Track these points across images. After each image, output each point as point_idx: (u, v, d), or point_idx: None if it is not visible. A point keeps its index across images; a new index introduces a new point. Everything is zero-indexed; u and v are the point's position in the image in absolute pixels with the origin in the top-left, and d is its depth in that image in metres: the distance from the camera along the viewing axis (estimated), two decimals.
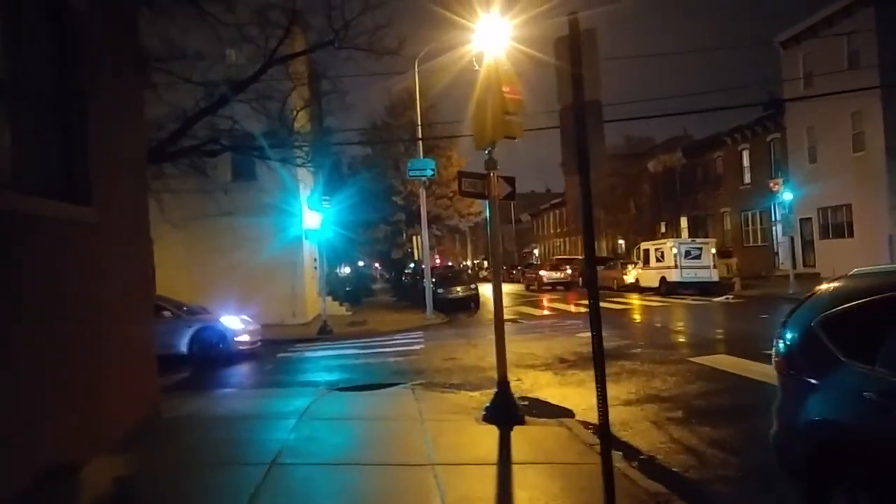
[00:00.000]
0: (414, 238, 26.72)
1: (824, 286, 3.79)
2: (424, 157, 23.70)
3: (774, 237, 32.42)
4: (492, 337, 7.21)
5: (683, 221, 39.84)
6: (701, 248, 26.06)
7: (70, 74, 5.36)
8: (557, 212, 67.08)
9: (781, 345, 3.87)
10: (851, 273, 3.60)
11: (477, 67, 24.62)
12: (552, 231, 70.36)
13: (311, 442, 6.13)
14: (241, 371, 12.58)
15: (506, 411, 7.09)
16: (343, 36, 12.06)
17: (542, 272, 43.88)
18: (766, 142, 32.83)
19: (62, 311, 4.93)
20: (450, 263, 35.63)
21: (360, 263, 52.61)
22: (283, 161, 13.60)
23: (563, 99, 4.37)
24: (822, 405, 3.39)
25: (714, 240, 27.70)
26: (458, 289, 27.53)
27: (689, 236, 33.41)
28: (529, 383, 9.78)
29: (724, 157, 36.73)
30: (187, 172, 13.23)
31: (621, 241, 46.88)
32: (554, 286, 35.28)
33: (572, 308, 23.17)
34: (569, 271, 36.73)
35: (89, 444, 5.07)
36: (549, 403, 8.43)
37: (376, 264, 60.12)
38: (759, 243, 33.97)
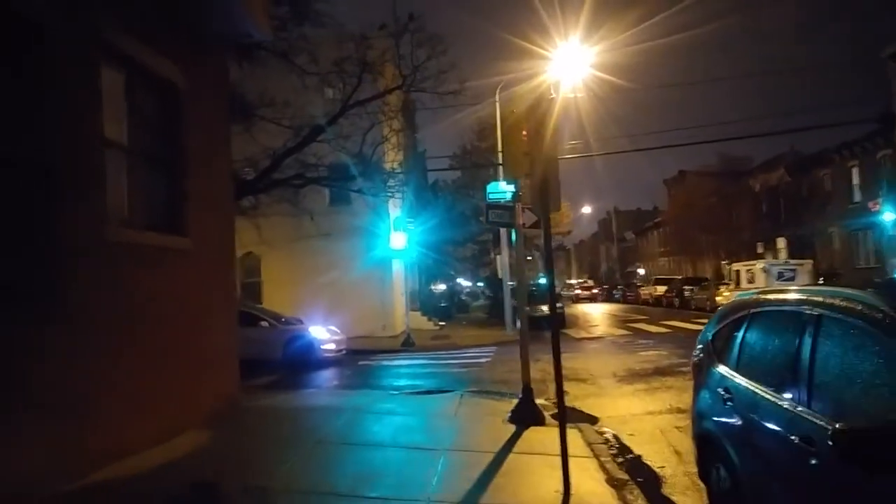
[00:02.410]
0: (497, 257, 27.76)
1: (719, 308, 4.62)
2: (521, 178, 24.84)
3: (887, 258, 30.56)
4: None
5: (781, 242, 38.22)
6: (795, 270, 25.20)
7: (171, 135, 7.08)
8: (661, 230, 65.57)
9: (694, 354, 4.72)
10: (734, 297, 4.42)
11: (553, 95, 25.60)
12: (656, 249, 68.68)
13: (354, 428, 7.45)
14: (324, 375, 14.22)
15: (527, 414, 8.09)
16: (411, 81, 13.57)
17: (641, 291, 43.46)
18: (877, 158, 31.15)
19: (163, 317, 6.55)
20: (533, 282, 36.30)
21: (460, 280, 54.33)
22: (359, 192, 15.21)
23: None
24: (701, 401, 4.25)
25: (810, 261, 26.68)
26: (544, 307, 28.32)
27: (789, 257, 32.15)
28: (573, 394, 10.63)
29: (832, 174, 35.04)
30: (281, 201, 15.19)
31: (725, 262, 45.52)
32: (650, 305, 35.14)
33: (652, 328, 23.30)
34: (663, 291, 36.34)
35: (182, 422, 6.62)
36: (580, 411, 9.27)
37: (479, 283, 61.63)
38: (871, 265, 32.07)
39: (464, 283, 55.58)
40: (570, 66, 22.56)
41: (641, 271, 68.46)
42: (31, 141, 4.79)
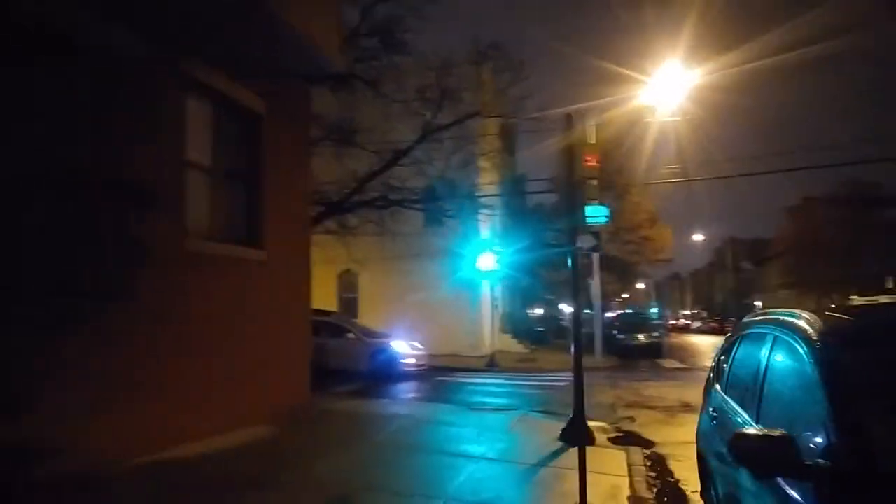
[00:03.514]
0: (591, 282, 27.42)
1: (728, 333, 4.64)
2: (608, 202, 24.63)
3: None
4: (641, 382, 8.11)
5: None
6: None
7: (252, 158, 7.94)
8: (782, 261, 61.26)
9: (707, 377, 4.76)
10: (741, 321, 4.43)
11: (649, 119, 24.97)
12: (776, 281, 64.14)
13: (407, 434, 7.89)
14: (401, 387, 14.78)
15: (576, 433, 8.14)
16: (492, 107, 14.02)
17: None
18: None
19: (238, 321, 7.33)
20: (632, 310, 35.34)
21: (561, 306, 53.68)
22: (443, 214, 15.73)
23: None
24: (701, 422, 4.30)
25: None
26: (640, 336, 27.60)
27: None
28: (640, 421, 10.52)
29: None
30: (375, 222, 16.10)
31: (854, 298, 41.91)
32: None
33: None
34: None
35: (249, 416, 7.33)
36: (638, 436, 9.18)
37: (586, 309, 60.48)
38: None
39: (566, 308, 54.83)
40: (669, 90, 22.17)
41: (759, 304, 64.29)
42: (121, 164, 5.67)
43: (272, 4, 6.81)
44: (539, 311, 43.06)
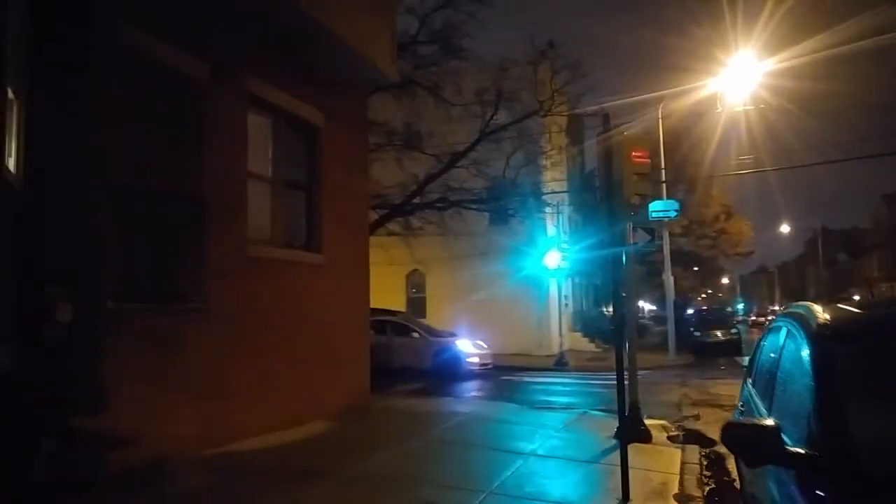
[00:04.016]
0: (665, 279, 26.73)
1: None
2: (682, 196, 24.07)
3: None
4: (712, 380, 7.90)
5: None
6: None
7: (311, 167, 8.37)
8: (882, 252, 57.31)
9: None
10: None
11: (719, 109, 24.37)
12: (876, 273, 60.11)
13: (461, 431, 8.09)
14: (465, 386, 15.00)
15: (631, 431, 8.11)
16: (549, 106, 14.04)
17: None
18: None
19: (297, 322, 7.76)
20: (710, 307, 33.94)
21: (641, 303, 52.41)
22: (504, 214, 15.83)
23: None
24: (734, 414, 4.28)
25: None
26: (718, 332, 26.72)
27: None
28: (704, 419, 10.34)
29: None
30: (438, 223, 16.44)
31: None
32: None
33: None
34: None
35: (309, 413, 7.75)
36: (700, 434, 9.04)
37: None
38: None
39: (647, 306, 53.58)
40: (742, 79, 21.43)
41: (857, 297, 60.34)
42: (186, 178, 6.17)
43: (331, 25, 7.23)
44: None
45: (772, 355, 3.39)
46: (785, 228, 61.01)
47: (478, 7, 13.86)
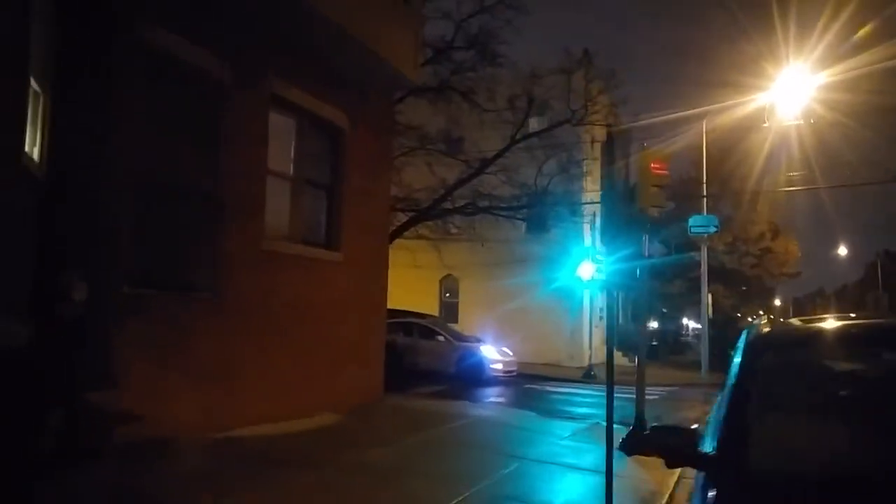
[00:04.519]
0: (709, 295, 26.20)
1: None
2: (729, 211, 23.66)
3: None
4: None
5: None
6: None
7: (333, 167, 8.65)
8: None
9: None
10: None
11: (766, 124, 23.81)
12: None
13: (465, 433, 8.21)
14: (486, 391, 15.06)
15: (634, 442, 8.09)
16: (581, 115, 14.04)
17: None
18: None
19: (311, 316, 8.02)
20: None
21: (684, 320, 51.35)
22: (529, 221, 15.89)
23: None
24: None
25: None
26: None
27: None
28: None
29: None
30: (470, 228, 16.62)
31: None
32: None
33: None
34: None
35: (317, 405, 7.97)
36: None
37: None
38: None
39: (691, 323, 52.45)
40: (794, 90, 20.87)
41: None
42: (205, 174, 6.50)
43: (353, 30, 7.50)
44: (653, 325, 41.52)
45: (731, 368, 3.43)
46: (843, 251, 58.72)
47: (514, 14, 13.99)
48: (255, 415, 6.91)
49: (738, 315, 30.59)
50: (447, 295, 28.05)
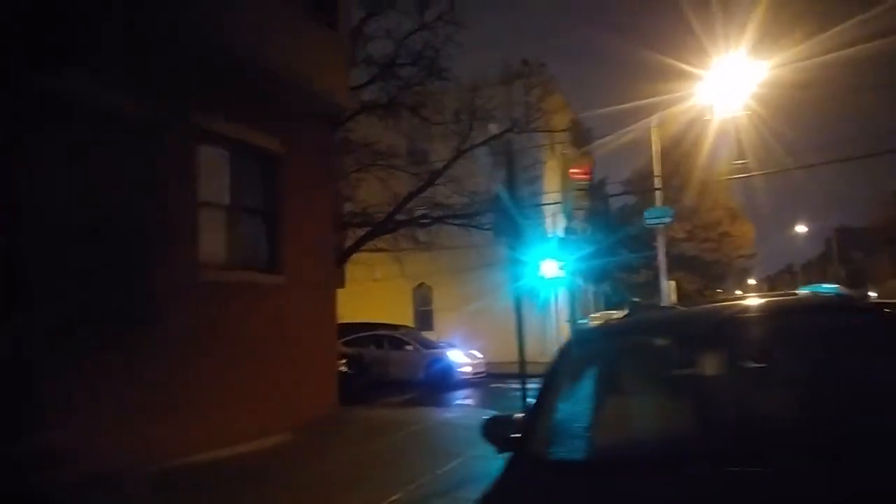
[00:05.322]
0: (670, 283, 26.74)
1: None
2: (685, 202, 24.23)
3: None
4: None
5: None
6: None
7: (270, 193, 8.92)
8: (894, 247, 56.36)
9: None
10: None
11: (708, 117, 24.45)
12: (889, 269, 58.95)
13: (417, 438, 8.54)
14: (454, 395, 15.41)
15: None
16: (523, 124, 14.55)
17: None
18: None
19: (258, 340, 8.26)
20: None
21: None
22: (482, 228, 16.18)
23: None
24: None
25: None
26: None
27: None
28: None
29: None
30: (413, 237, 16.98)
31: None
32: None
33: None
34: None
35: (273, 426, 8.20)
36: None
37: None
38: None
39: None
40: (735, 85, 21.49)
41: (873, 294, 59.33)
42: (135, 212, 6.74)
43: (279, 64, 7.78)
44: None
45: None
46: (801, 228, 60.18)
47: (455, 29, 14.41)
48: (203, 441, 7.09)
49: (704, 298, 31.31)
50: (421, 304, 28.38)
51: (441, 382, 16.28)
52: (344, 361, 14.22)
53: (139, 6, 6.71)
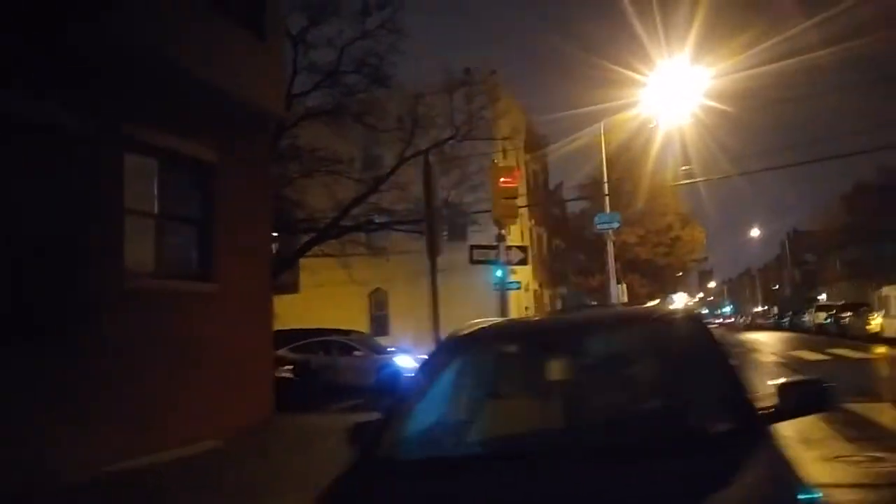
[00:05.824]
0: (621, 286, 27.41)
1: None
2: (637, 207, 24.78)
3: None
4: None
5: None
6: None
7: (202, 201, 8.97)
8: (844, 251, 58.44)
9: None
10: None
11: (653, 124, 25.22)
12: (841, 271, 61.12)
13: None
14: None
15: None
16: (465, 131, 14.86)
17: (804, 319, 40.08)
18: None
19: (190, 348, 8.30)
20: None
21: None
22: (422, 233, 16.45)
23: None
24: None
25: None
26: None
27: None
28: None
29: None
30: (360, 243, 17.12)
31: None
32: (812, 333, 32.60)
33: (806, 356, 21.22)
34: (823, 318, 33.08)
35: (203, 433, 8.23)
36: None
37: None
38: None
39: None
40: (676, 93, 22.14)
41: (823, 297, 61.41)
42: (57, 222, 6.74)
43: (206, 75, 7.85)
44: None
45: None
46: (755, 232, 62.04)
47: (398, 37, 14.63)
48: (137, 448, 7.12)
49: (657, 302, 32.10)
50: (377, 309, 28.47)
51: (389, 388, 16.35)
52: (290, 368, 14.28)
53: (68, 18, 6.74)
